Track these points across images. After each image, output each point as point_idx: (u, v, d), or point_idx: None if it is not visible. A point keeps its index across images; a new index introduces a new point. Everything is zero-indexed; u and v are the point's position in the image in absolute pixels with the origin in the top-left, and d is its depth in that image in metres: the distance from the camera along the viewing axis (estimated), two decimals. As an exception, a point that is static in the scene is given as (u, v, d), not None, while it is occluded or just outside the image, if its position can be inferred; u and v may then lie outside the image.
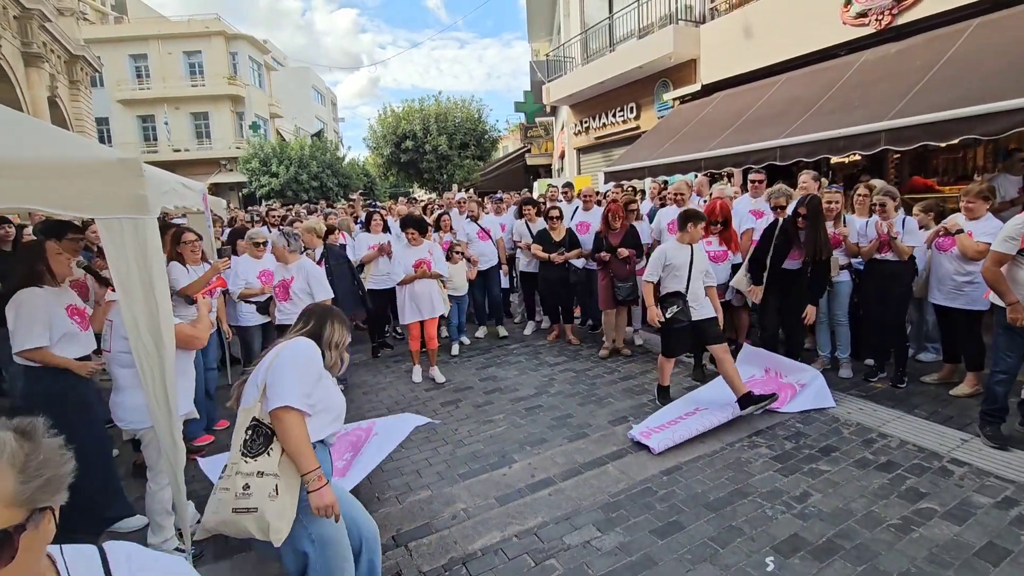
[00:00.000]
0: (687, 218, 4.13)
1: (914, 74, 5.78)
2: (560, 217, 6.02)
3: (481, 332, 6.73)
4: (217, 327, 4.38)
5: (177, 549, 2.72)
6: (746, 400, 3.78)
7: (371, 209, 7.41)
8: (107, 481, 2.93)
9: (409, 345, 5.31)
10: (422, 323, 5.10)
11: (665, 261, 4.14)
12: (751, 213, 5.39)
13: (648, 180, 9.45)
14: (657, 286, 4.23)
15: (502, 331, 6.59)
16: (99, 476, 2.88)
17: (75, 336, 2.84)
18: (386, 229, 6.33)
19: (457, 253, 5.81)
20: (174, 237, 3.97)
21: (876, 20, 6.76)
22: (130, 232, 2.30)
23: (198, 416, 3.21)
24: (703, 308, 4.14)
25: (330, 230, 5.86)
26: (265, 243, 4.84)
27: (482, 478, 3.36)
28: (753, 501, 2.96)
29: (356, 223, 7.52)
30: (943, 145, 5.18)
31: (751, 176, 5.52)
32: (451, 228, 6.61)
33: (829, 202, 4.25)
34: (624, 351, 5.63)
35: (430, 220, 6.42)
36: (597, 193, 7.90)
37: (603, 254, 5.42)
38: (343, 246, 6.01)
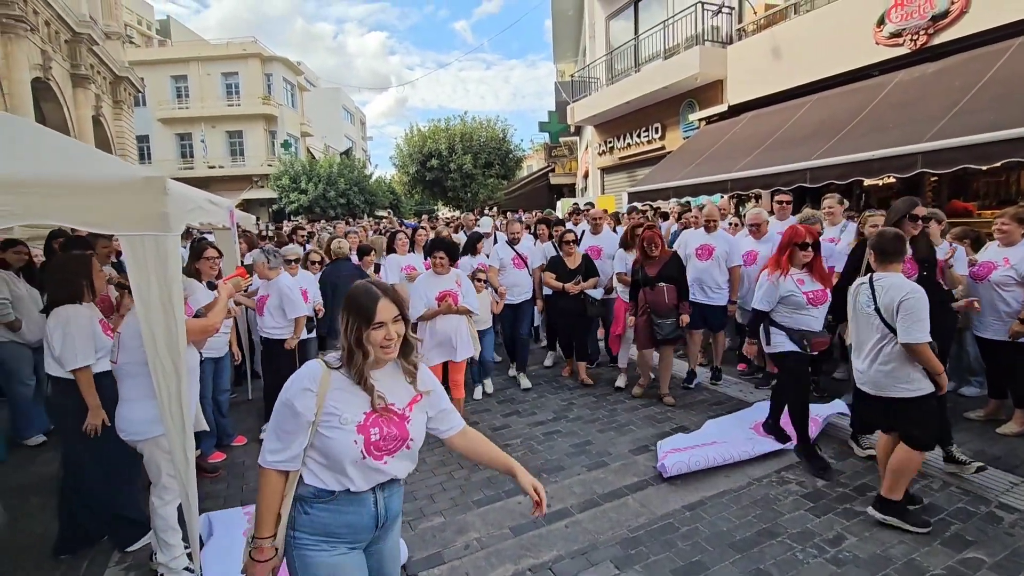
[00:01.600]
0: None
1: (953, 95, 5.59)
2: (575, 242, 5.39)
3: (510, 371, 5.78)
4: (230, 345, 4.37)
5: (187, 569, 2.69)
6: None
7: (402, 227, 7.30)
8: (138, 493, 2.94)
9: None
10: (445, 365, 4.36)
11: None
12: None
13: (672, 201, 9.35)
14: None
15: (524, 381, 5.45)
16: (134, 489, 2.91)
17: (108, 351, 2.89)
18: (412, 249, 5.95)
19: (480, 280, 4.91)
20: (194, 252, 3.99)
21: (911, 40, 6.59)
22: (152, 249, 2.32)
23: (207, 428, 3.19)
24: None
25: (364, 251, 5.58)
26: (298, 260, 4.89)
27: (496, 506, 3.26)
28: (782, 543, 2.78)
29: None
30: (984, 168, 4.96)
31: (777, 198, 5.37)
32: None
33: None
34: (668, 399, 4.77)
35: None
36: (605, 212, 7.60)
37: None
38: (377, 266, 5.69)
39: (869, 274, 2.97)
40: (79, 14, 13.22)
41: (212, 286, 2.99)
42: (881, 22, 6.86)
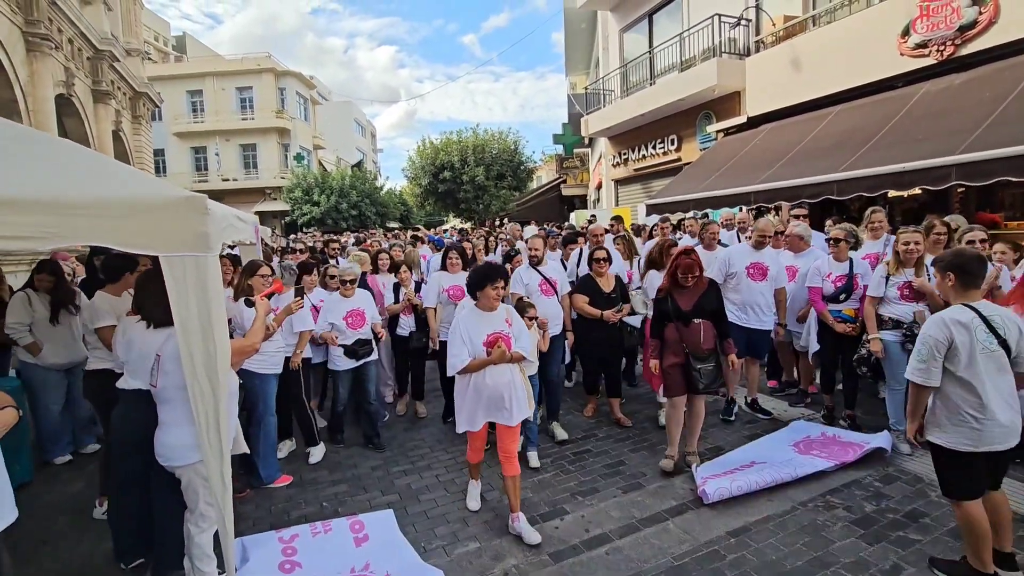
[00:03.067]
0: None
1: (984, 106, 5.49)
2: (608, 260, 4.62)
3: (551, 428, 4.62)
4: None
5: (220, 597, 2.62)
6: None
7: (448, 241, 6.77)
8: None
9: (467, 455, 3.49)
10: (491, 426, 3.37)
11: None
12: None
13: (692, 213, 9.26)
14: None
15: (559, 432, 4.46)
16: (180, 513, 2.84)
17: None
18: (465, 266, 4.85)
19: (530, 318, 3.85)
20: (248, 270, 3.83)
21: (937, 51, 6.50)
22: (192, 269, 2.28)
23: (247, 450, 3.13)
24: None
25: (395, 266, 5.28)
26: (354, 280, 4.49)
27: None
28: (836, 573, 2.66)
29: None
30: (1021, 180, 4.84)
31: (794, 211, 5.27)
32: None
33: (907, 243, 3.73)
34: (693, 461, 3.80)
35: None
36: (611, 229, 6.81)
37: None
38: (417, 284, 5.25)
39: (960, 306, 2.46)
40: (101, 32, 13.46)
41: (250, 303, 2.92)
42: (906, 33, 6.78)
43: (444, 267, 4.81)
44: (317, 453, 4.40)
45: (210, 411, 2.34)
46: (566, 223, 14.31)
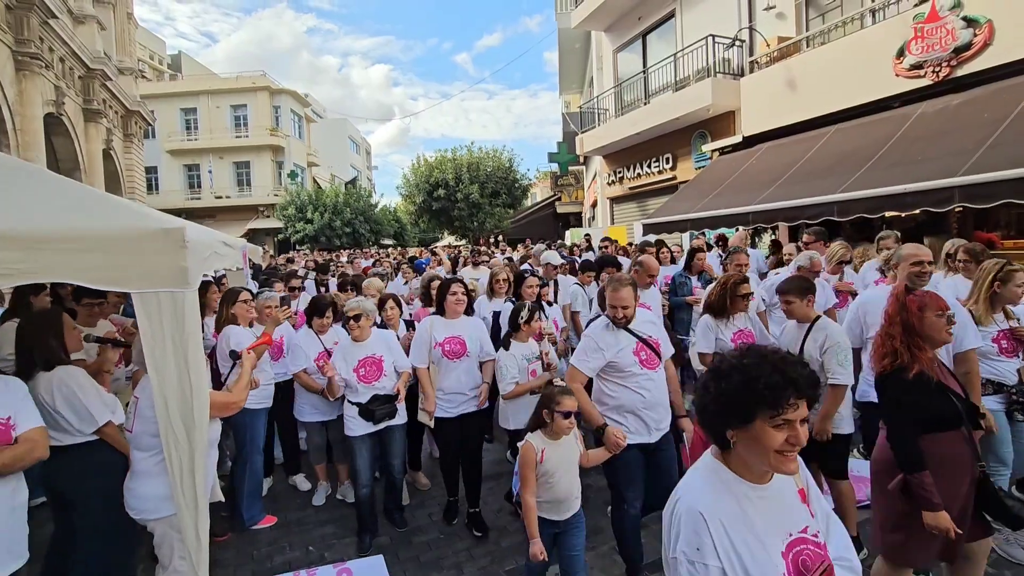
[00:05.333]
0: None
1: (983, 128, 5.45)
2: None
3: None
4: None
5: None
6: None
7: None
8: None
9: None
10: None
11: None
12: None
13: (689, 234, 9.19)
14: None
15: None
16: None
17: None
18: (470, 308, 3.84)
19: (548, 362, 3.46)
20: (227, 297, 3.75)
21: (933, 72, 6.50)
22: (168, 307, 2.12)
23: (223, 499, 2.92)
24: None
25: (380, 301, 4.15)
26: (364, 317, 3.44)
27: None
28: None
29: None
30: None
31: (806, 238, 5.17)
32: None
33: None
34: None
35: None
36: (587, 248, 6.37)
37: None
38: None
39: None
40: (94, 50, 13.41)
41: (235, 355, 2.74)
42: (901, 54, 6.79)
43: (439, 308, 3.55)
44: (302, 481, 4.23)
45: (185, 461, 2.16)
46: (559, 241, 14.24)
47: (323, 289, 6.95)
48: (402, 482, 3.69)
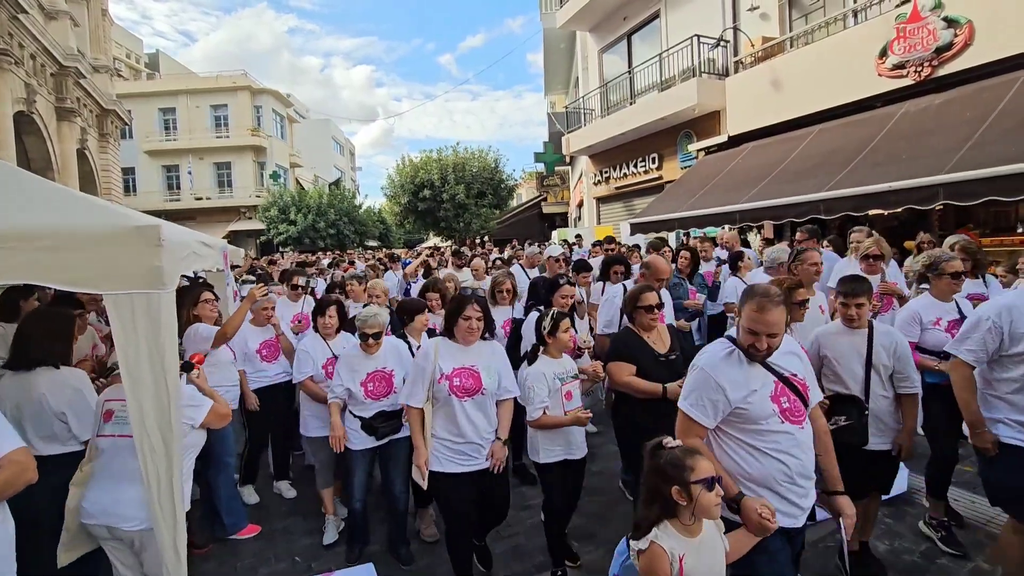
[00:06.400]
0: None
1: (966, 126, 5.53)
2: (660, 305, 2.97)
3: None
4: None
5: None
6: None
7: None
8: None
9: None
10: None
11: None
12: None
13: (677, 233, 9.21)
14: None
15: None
16: None
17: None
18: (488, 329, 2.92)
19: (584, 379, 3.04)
20: (191, 298, 3.70)
21: (915, 72, 6.59)
22: (142, 309, 2.01)
23: (188, 507, 2.78)
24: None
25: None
26: (379, 334, 3.12)
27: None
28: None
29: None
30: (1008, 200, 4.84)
31: (800, 236, 5.18)
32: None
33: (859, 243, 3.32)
34: None
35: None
36: (561, 255, 5.66)
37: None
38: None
39: None
40: (67, 47, 13.02)
41: (188, 367, 2.61)
42: (883, 54, 6.87)
43: (448, 330, 2.74)
44: (287, 488, 4.10)
45: (163, 472, 2.05)
46: (547, 241, 14.20)
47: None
48: (406, 505, 3.22)
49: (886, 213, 7.65)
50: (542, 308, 3.44)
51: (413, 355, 3.25)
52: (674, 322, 3.87)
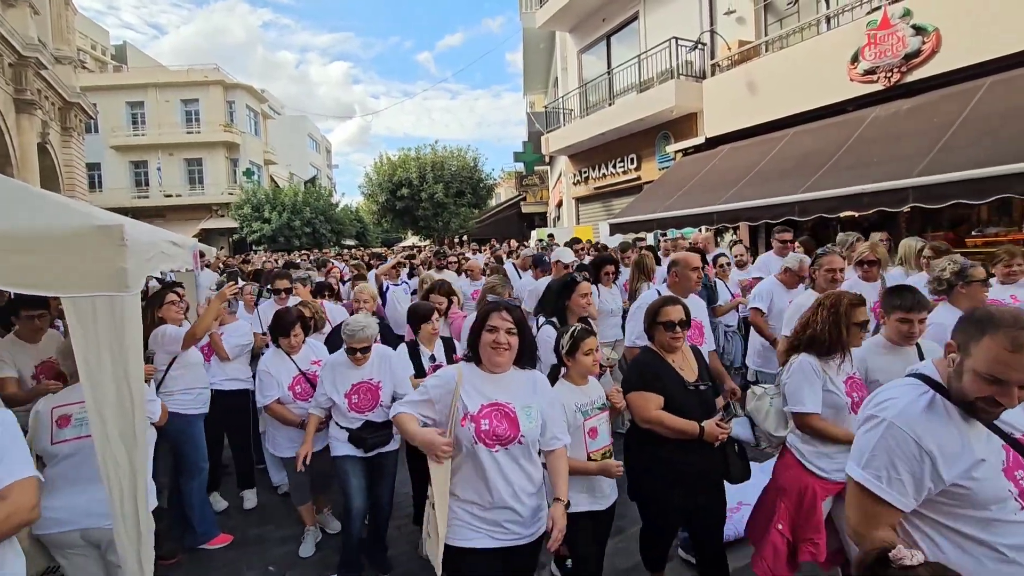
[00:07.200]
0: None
1: (934, 131, 5.68)
2: (684, 322, 2.46)
3: None
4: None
5: None
6: None
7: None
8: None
9: None
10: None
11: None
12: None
13: (655, 234, 9.28)
14: None
15: None
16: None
17: None
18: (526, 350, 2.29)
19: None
20: (156, 299, 3.60)
21: (885, 77, 6.75)
22: (104, 313, 1.91)
23: (156, 503, 2.68)
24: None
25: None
26: (367, 348, 2.90)
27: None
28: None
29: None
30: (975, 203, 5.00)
31: (779, 236, 5.25)
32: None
33: (831, 271, 3.02)
34: None
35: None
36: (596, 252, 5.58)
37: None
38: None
39: None
40: (26, 36, 12.47)
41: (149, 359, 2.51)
42: (855, 59, 7.03)
43: (474, 352, 2.05)
44: (251, 497, 3.97)
45: (126, 483, 1.95)
46: (527, 241, 14.19)
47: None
48: (387, 517, 3.11)
49: (857, 215, 7.86)
50: (554, 320, 3.05)
51: (423, 365, 3.11)
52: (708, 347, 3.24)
